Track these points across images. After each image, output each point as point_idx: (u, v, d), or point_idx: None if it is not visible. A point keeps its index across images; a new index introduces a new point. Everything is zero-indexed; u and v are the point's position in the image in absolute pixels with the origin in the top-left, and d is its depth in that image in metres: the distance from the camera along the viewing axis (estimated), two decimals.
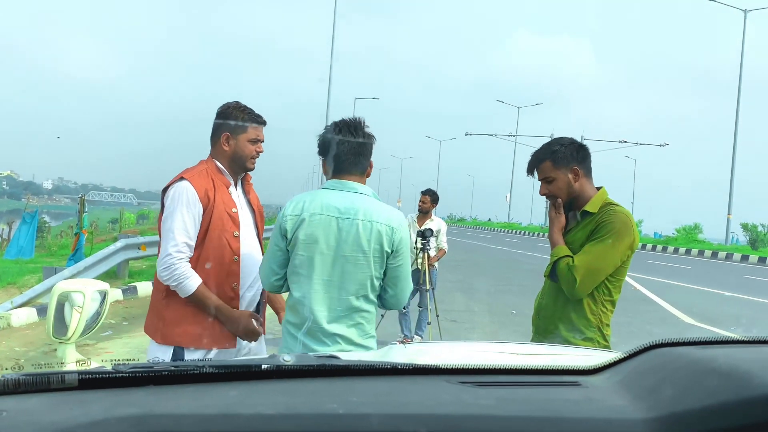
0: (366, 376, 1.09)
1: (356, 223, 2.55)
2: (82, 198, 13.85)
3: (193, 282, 2.86)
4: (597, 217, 2.91)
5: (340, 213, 2.56)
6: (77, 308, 2.20)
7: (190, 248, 2.90)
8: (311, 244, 2.56)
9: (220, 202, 2.95)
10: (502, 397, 0.97)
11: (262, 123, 3.07)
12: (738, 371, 0.86)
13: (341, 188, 2.63)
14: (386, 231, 2.57)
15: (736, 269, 23.70)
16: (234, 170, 3.08)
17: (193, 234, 2.90)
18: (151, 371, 1.01)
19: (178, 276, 2.85)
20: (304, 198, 2.65)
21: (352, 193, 2.62)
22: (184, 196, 2.90)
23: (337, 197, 2.60)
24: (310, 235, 2.56)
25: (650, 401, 0.90)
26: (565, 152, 2.99)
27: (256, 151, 3.05)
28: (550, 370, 1.15)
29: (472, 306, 11.41)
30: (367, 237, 2.55)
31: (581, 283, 2.81)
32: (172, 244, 2.86)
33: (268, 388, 0.99)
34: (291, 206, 2.64)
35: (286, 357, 1.10)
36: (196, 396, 0.94)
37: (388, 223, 2.59)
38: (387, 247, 2.58)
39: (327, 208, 2.57)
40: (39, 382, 0.95)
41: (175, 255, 2.85)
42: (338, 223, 2.56)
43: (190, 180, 2.93)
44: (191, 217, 2.89)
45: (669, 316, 11.01)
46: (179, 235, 2.87)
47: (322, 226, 2.56)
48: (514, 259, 24.26)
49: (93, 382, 0.97)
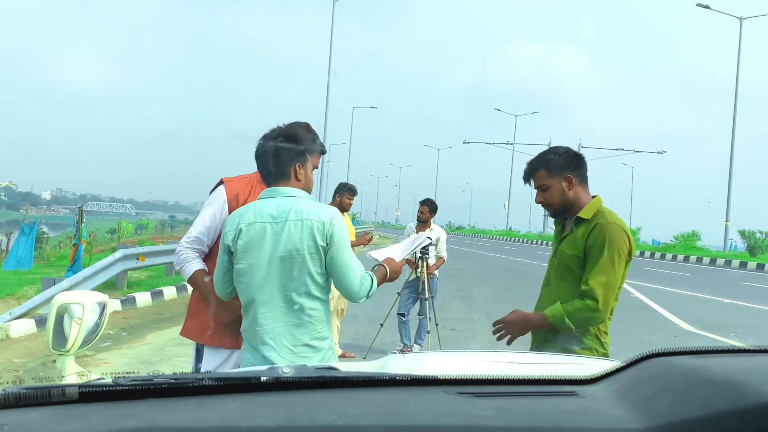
0: (364, 388, 1.10)
1: (288, 224, 2.64)
2: (80, 208, 13.84)
3: (192, 266, 3.07)
4: (591, 224, 2.93)
5: (273, 218, 2.67)
6: (76, 320, 2.21)
7: (201, 242, 3.11)
8: (249, 251, 2.67)
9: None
10: (500, 407, 0.97)
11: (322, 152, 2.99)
12: (732, 381, 0.87)
13: (274, 195, 2.75)
14: (317, 226, 2.65)
15: (734, 276, 23.71)
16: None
17: (212, 232, 3.10)
18: (151, 384, 1.01)
19: (182, 260, 3.09)
20: (240, 212, 2.77)
21: (284, 198, 2.72)
22: (213, 197, 3.15)
23: (269, 204, 2.71)
24: (248, 243, 2.67)
25: (647, 411, 0.91)
26: (560, 161, 3.02)
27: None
28: (548, 380, 1.15)
29: (472, 314, 11.40)
30: (299, 235, 2.63)
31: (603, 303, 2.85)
32: (186, 236, 3.13)
33: (267, 400, 1.00)
34: (229, 222, 2.77)
35: (285, 369, 1.11)
36: (197, 408, 0.95)
37: (319, 218, 2.66)
38: (321, 241, 2.64)
39: (261, 216, 2.69)
40: (40, 395, 0.95)
41: (185, 243, 3.10)
42: (273, 228, 2.66)
43: (226, 183, 3.16)
44: (213, 216, 3.11)
45: (668, 324, 11.00)
46: (195, 229, 3.11)
47: (258, 234, 2.66)
48: (513, 267, 24.26)
49: (94, 395, 0.98)
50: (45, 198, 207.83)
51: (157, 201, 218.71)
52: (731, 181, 34.58)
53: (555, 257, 3.09)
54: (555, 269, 3.06)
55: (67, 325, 2.22)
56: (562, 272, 3.01)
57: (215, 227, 3.09)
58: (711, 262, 30.47)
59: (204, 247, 3.11)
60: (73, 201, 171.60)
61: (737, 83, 34.35)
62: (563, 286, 2.99)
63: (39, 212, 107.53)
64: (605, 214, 2.96)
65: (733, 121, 34.71)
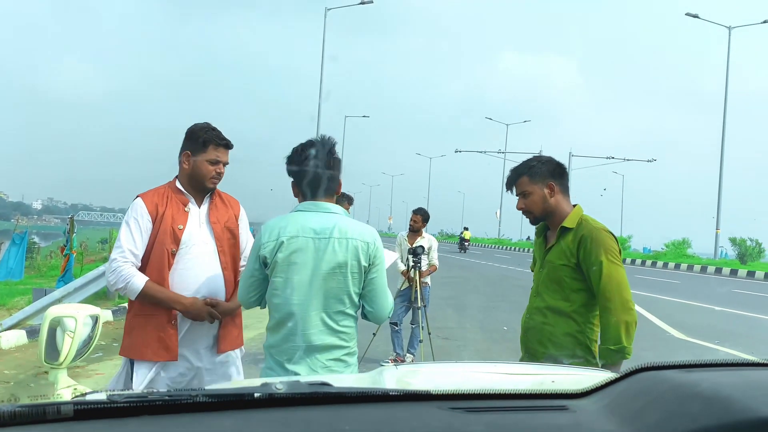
0: (357, 404, 1.10)
1: (332, 242, 2.62)
2: (71, 218, 13.78)
3: (138, 280, 3.02)
4: (577, 233, 2.96)
5: (316, 234, 2.64)
6: (69, 333, 2.21)
7: (135, 256, 3.07)
8: (290, 265, 2.63)
9: (168, 216, 3.09)
10: (491, 422, 0.98)
11: (222, 144, 3.15)
12: (719, 396, 0.89)
13: (315, 209, 2.71)
14: (362, 246, 2.65)
15: (725, 283, 23.81)
16: (195, 189, 3.18)
17: (140, 245, 3.08)
18: (146, 401, 1.02)
19: (124, 276, 3.02)
20: (279, 223, 2.71)
21: (326, 213, 2.70)
22: (134, 211, 3.10)
23: (311, 218, 2.68)
24: (289, 257, 2.63)
25: (636, 426, 0.92)
26: (543, 168, 3.07)
27: (216, 171, 3.13)
28: (539, 395, 1.17)
29: (464, 323, 11.41)
30: (343, 253, 2.62)
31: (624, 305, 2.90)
32: (118, 251, 3.07)
33: (261, 417, 1.01)
34: (267, 233, 2.71)
35: (278, 385, 1.12)
36: (191, 426, 0.96)
37: (362, 238, 2.67)
38: (364, 262, 2.65)
39: (303, 230, 2.65)
40: (35, 413, 0.96)
41: (120, 259, 3.05)
42: (315, 244, 2.63)
43: (143, 197, 3.13)
44: (138, 229, 3.08)
45: (659, 331, 11.04)
46: (125, 243, 3.06)
47: (300, 248, 2.63)
48: (505, 275, 24.29)
49: (88, 412, 0.98)
50: (36, 208, 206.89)
51: None
52: (721, 188, 34.77)
53: (543, 268, 3.11)
54: (544, 280, 3.08)
55: (59, 338, 2.22)
56: (552, 283, 3.03)
57: (143, 240, 3.08)
58: (702, 270, 30.59)
59: (138, 261, 3.08)
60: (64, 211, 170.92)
61: (726, 92, 34.59)
62: (554, 297, 3.01)
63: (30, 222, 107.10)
64: (589, 221, 3.01)
65: (722, 129, 34.93)
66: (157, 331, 3.04)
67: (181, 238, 3.08)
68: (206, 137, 3.10)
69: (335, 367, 2.64)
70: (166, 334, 3.04)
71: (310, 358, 2.62)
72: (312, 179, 2.74)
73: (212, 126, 3.16)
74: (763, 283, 24.96)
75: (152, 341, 3.04)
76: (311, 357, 2.63)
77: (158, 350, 3.04)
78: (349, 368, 2.70)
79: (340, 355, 2.67)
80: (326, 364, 2.63)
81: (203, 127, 3.14)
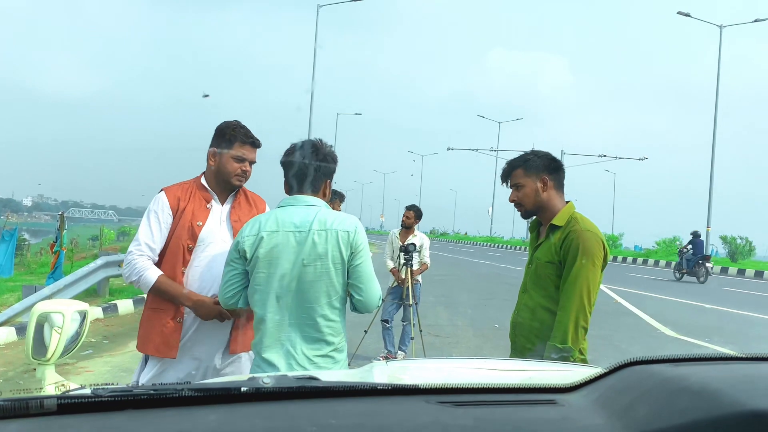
0: (345, 398, 1.10)
1: (312, 234, 2.61)
2: (61, 215, 13.73)
3: (152, 274, 3.02)
4: (565, 230, 2.96)
5: (296, 227, 2.64)
6: (57, 329, 2.19)
7: (152, 250, 3.07)
8: (271, 260, 2.62)
9: (188, 212, 3.08)
10: (480, 416, 0.98)
11: (249, 142, 3.13)
12: (708, 390, 0.88)
13: (295, 203, 2.72)
14: (342, 235, 2.63)
15: (715, 281, 23.91)
16: (220, 186, 3.16)
17: (158, 239, 3.08)
18: (131, 395, 1.01)
19: (138, 269, 3.03)
20: (260, 218, 2.72)
21: (305, 207, 2.70)
22: (155, 205, 3.11)
23: (291, 213, 2.68)
24: (270, 252, 2.62)
25: (625, 420, 0.91)
26: (538, 162, 3.08)
27: (241, 169, 3.12)
28: (528, 389, 1.16)
29: (455, 320, 11.41)
30: (323, 245, 2.61)
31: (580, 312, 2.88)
32: (135, 245, 3.07)
33: (247, 411, 1.00)
34: (248, 227, 2.70)
35: (266, 379, 1.11)
36: (176, 420, 0.95)
37: (342, 227, 2.65)
38: (345, 251, 2.63)
39: (283, 224, 2.65)
40: (18, 407, 0.94)
41: (136, 252, 3.05)
42: (296, 237, 2.62)
43: (166, 191, 3.13)
44: (158, 223, 3.08)
45: (650, 329, 11.08)
46: (142, 236, 3.07)
47: (281, 243, 2.62)
48: (497, 273, 24.33)
49: (72, 406, 0.97)
50: (26, 204, 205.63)
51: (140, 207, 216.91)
52: (712, 187, 34.90)
53: (531, 264, 3.12)
54: (532, 276, 3.09)
55: (47, 335, 2.20)
56: (539, 280, 3.03)
57: (162, 234, 3.08)
58: None
59: (155, 255, 3.08)
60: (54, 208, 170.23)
61: (717, 90, 34.70)
62: (539, 294, 3.02)
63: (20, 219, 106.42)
64: (578, 220, 2.99)
65: (713, 127, 35.05)
66: (162, 327, 3.03)
67: (199, 235, 3.07)
68: (233, 134, 3.10)
69: (323, 363, 2.61)
70: (169, 331, 3.02)
71: (296, 354, 2.61)
72: (295, 172, 2.76)
73: (241, 124, 3.14)
74: (754, 281, 25.10)
75: (155, 336, 3.04)
76: (297, 353, 2.61)
77: (159, 346, 3.03)
78: (337, 365, 2.66)
79: (327, 351, 2.65)
80: (313, 360, 2.61)
81: (231, 124, 3.13)
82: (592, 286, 2.89)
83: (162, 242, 3.07)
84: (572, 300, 2.86)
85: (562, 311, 2.88)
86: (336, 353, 2.68)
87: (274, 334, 2.63)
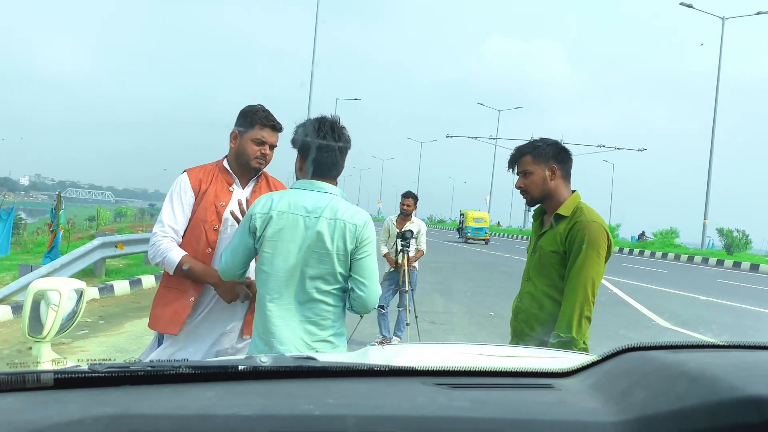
0: (342, 378, 1.10)
1: (321, 221, 2.60)
2: (59, 194, 13.69)
3: (176, 254, 3.04)
4: (571, 221, 2.95)
5: (307, 212, 2.63)
6: (53, 307, 2.18)
7: (175, 231, 3.09)
8: (277, 241, 2.62)
9: (211, 194, 3.09)
10: (476, 398, 0.98)
11: (269, 125, 3.12)
12: (706, 376, 0.88)
13: (310, 188, 2.69)
14: (349, 228, 2.62)
15: (711, 273, 23.99)
16: (241, 170, 3.18)
17: (181, 220, 3.10)
18: (128, 371, 1.01)
19: (162, 251, 3.05)
20: (272, 196, 2.70)
21: (320, 193, 2.68)
22: (178, 186, 3.13)
23: (305, 197, 2.67)
24: (277, 233, 2.62)
25: (622, 404, 0.91)
26: (548, 150, 3.06)
27: (261, 152, 3.12)
28: (524, 373, 1.16)
29: (451, 308, 11.44)
30: (330, 234, 2.60)
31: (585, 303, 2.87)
32: (159, 227, 3.10)
33: (244, 389, 1.00)
34: (260, 204, 2.69)
35: (263, 358, 1.11)
36: (173, 396, 0.95)
37: (351, 220, 2.64)
38: (350, 244, 2.62)
39: (295, 207, 2.64)
40: (14, 381, 0.94)
41: (160, 233, 3.07)
42: (305, 222, 2.62)
43: (189, 172, 3.15)
44: (180, 205, 3.10)
45: (645, 320, 11.11)
46: (166, 218, 3.08)
47: (289, 224, 2.62)
48: (493, 261, 24.36)
49: (69, 381, 0.97)
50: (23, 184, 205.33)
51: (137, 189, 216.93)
52: (710, 178, 34.94)
53: (535, 252, 3.11)
54: (535, 265, 3.08)
55: (43, 312, 2.19)
56: (542, 268, 3.03)
57: (185, 215, 3.09)
58: (689, 260, 30.82)
59: (178, 237, 3.09)
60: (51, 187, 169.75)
61: (718, 82, 34.66)
62: (543, 282, 3.02)
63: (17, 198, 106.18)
64: (584, 211, 2.98)
65: (713, 119, 35.03)
66: (174, 305, 3.05)
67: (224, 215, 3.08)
68: (254, 117, 3.10)
69: (322, 348, 2.62)
70: (181, 309, 3.04)
71: (294, 337, 2.61)
72: (317, 159, 2.70)
73: (263, 107, 3.14)
74: (749, 274, 25.16)
75: (167, 313, 3.06)
76: (296, 336, 2.61)
77: (168, 324, 3.05)
78: (336, 350, 2.67)
79: (326, 336, 2.65)
80: (312, 345, 2.61)
81: (253, 107, 3.13)
82: (596, 277, 2.90)
83: (185, 223, 3.09)
84: (577, 290, 2.86)
85: (566, 301, 2.89)
86: (335, 338, 2.68)
87: (274, 315, 2.63)
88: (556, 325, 2.89)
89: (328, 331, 2.66)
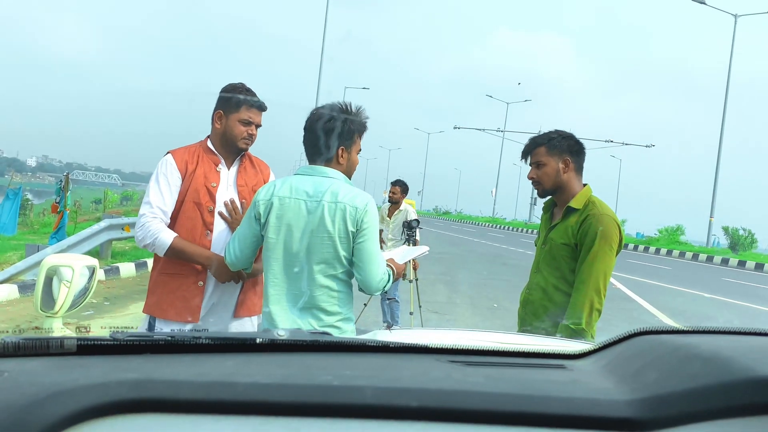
0: (358, 353, 1.11)
1: (322, 205, 2.63)
2: (66, 176, 13.74)
3: (166, 236, 2.99)
4: (582, 214, 2.96)
5: (308, 196, 2.66)
6: (66, 283, 2.21)
7: (164, 213, 3.03)
8: (280, 227, 2.65)
9: (200, 174, 3.06)
10: (490, 375, 0.99)
11: (256, 105, 3.11)
12: (719, 357, 0.89)
13: (311, 173, 2.73)
14: (350, 210, 2.63)
15: (716, 271, 23.95)
16: (226, 150, 3.15)
17: (169, 202, 3.04)
18: (149, 340, 1.03)
19: (153, 232, 2.99)
20: (275, 183, 2.75)
21: (322, 177, 2.71)
22: (163, 167, 3.06)
23: (306, 181, 2.70)
24: (280, 218, 2.66)
25: (634, 384, 0.93)
26: (562, 142, 3.07)
27: (248, 132, 3.10)
28: (537, 354, 1.18)
29: (455, 298, 11.46)
30: (331, 217, 2.62)
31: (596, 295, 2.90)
32: (147, 208, 3.03)
33: (263, 360, 1.01)
34: (263, 191, 2.73)
35: (281, 332, 1.12)
36: (194, 364, 0.96)
37: (352, 203, 2.65)
38: (351, 227, 2.63)
39: (296, 192, 2.67)
40: (38, 346, 0.96)
41: (149, 214, 3.01)
42: (307, 206, 2.65)
43: (173, 153, 3.09)
44: (167, 185, 3.04)
45: (648, 316, 11.12)
46: (153, 199, 3.03)
47: (292, 209, 2.65)
48: (498, 253, 24.36)
49: (91, 348, 0.99)
50: (30, 165, 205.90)
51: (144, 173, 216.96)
52: (717, 177, 34.81)
53: (545, 245, 3.12)
54: (545, 257, 3.09)
55: (56, 288, 2.22)
56: (552, 260, 3.04)
57: (173, 197, 3.04)
58: (693, 257, 30.75)
59: (167, 218, 3.05)
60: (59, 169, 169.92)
61: (728, 79, 34.47)
62: (553, 275, 3.03)
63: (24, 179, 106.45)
64: (596, 204, 2.99)
65: (722, 117, 34.86)
66: (183, 292, 3.02)
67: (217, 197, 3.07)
68: (239, 97, 3.08)
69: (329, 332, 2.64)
70: (192, 295, 3.02)
71: (301, 322, 2.63)
72: (308, 142, 2.77)
73: (246, 86, 3.12)
74: (754, 273, 25.12)
75: (177, 301, 3.02)
76: (303, 321, 2.63)
77: (182, 311, 3.01)
78: (344, 335, 2.68)
79: (333, 321, 2.66)
80: (318, 330, 2.63)
81: (237, 86, 3.11)
82: (608, 270, 2.91)
83: (173, 205, 3.05)
84: (588, 282, 2.87)
85: (577, 293, 2.90)
86: (342, 323, 2.70)
87: (280, 300, 2.66)
88: (566, 315, 2.91)
89: (335, 317, 2.68)
